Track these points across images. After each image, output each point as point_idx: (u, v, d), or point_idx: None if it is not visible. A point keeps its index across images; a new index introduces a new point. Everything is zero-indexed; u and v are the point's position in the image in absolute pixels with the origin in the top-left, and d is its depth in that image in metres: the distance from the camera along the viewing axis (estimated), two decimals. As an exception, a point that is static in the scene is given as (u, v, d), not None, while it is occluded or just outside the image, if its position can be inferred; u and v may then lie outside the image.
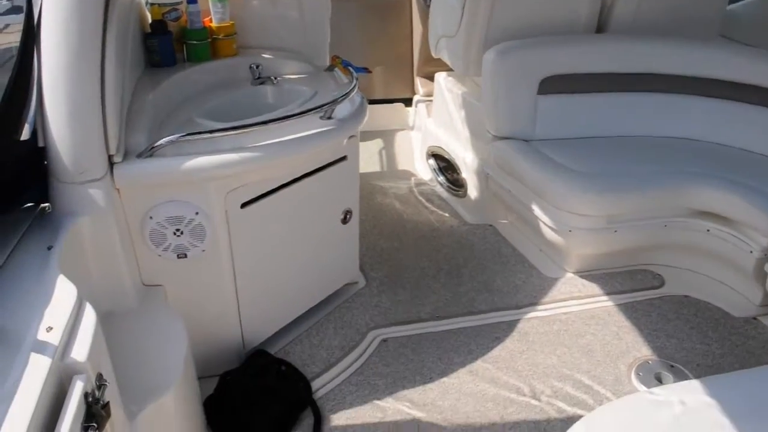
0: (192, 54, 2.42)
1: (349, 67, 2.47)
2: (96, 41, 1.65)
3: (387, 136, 4.29)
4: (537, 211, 2.75)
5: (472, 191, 3.30)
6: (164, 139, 1.80)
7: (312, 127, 2.05)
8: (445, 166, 3.60)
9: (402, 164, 3.97)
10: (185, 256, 1.95)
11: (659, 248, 2.83)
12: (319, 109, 2.06)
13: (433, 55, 3.62)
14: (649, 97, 3.08)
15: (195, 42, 2.40)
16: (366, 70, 2.56)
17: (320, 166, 2.21)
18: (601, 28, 3.31)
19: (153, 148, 1.81)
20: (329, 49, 2.79)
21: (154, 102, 2.10)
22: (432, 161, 3.72)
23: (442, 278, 2.77)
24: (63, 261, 1.49)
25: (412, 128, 4.29)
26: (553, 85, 3.00)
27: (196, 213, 1.89)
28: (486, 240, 3.07)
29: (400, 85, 4.35)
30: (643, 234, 2.72)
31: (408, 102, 4.34)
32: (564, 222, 2.63)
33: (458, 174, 3.43)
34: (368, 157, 4.01)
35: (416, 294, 2.65)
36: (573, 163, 2.75)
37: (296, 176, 2.13)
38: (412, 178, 3.74)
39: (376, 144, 4.20)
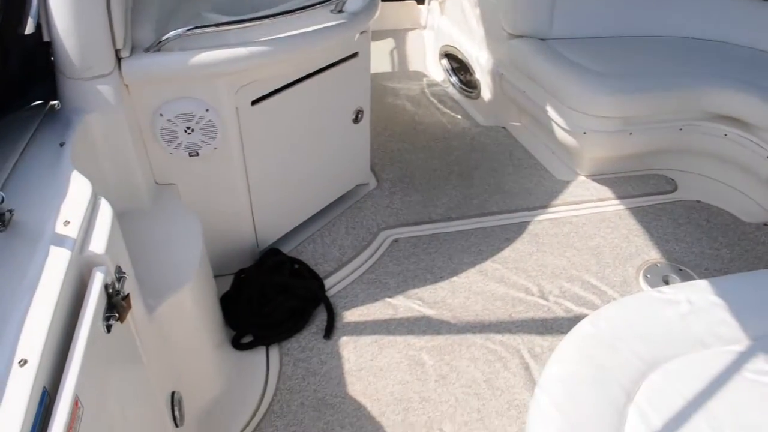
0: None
1: None
2: None
3: (398, 35, 4.16)
4: (551, 112, 2.70)
5: (486, 92, 3.23)
6: (172, 33, 1.74)
7: (322, 21, 1.98)
8: (458, 66, 3.51)
9: (414, 65, 3.86)
10: (197, 154, 1.93)
11: (674, 152, 2.79)
12: (329, 2, 1.98)
13: None
14: None
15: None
16: None
17: (331, 62, 2.15)
18: None
19: (160, 42, 1.75)
20: None
21: (160, -6, 2.02)
22: (445, 61, 3.62)
23: (453, 180, 2.76)
24: (75, 157, 1.47)
25: (424, 27, 4.15)
26: None
27: (207, 110, 1.86)
28: (498, 142, 3.04)
29: None
30: (659, 137, 2.67)
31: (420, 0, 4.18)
32: (578, 123, 2.59)
33: (471, 75, 3.34)
34: (379, 58, 3.91)
35: (427, 195, 2.65)
36: (590, 63, 2.67)
37: (307, 73, 2.08)
38: (424, 79, 3.65)
39: (387, 44, 4.08)
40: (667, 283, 2.25)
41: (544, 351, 1.95)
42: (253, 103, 1.96)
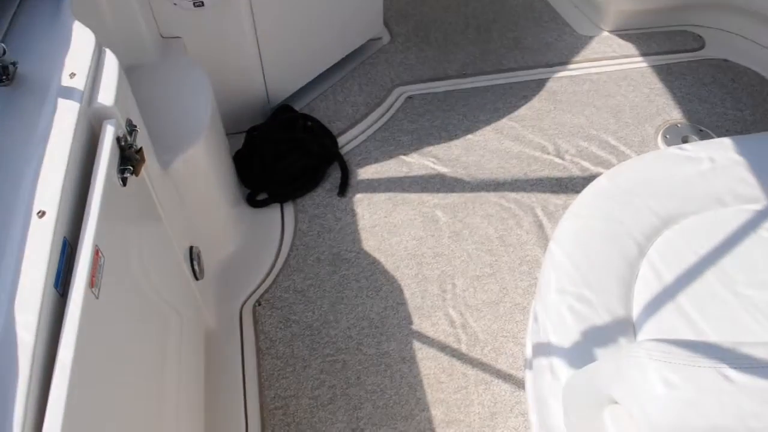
0: None
1: None
2: None
3: None
4: None
5: None
6: None
7: None
8: None
9: None
10: (202, 4, 1.83)
11: (703, 6, 2.63)
12: None
13: None
14: None
15: None
16: None
17: None
18: None
19: None
20: None
21: None
22: None
23: (470, 34, 2.63)
24: (76, 8, 1.40)
25: None
26: None
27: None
28: (518, -7, 2.87)
29: None
30: None
31: None
32: None
33: None
34: None
35: (443, 50, 2.54)
36: None
37: None
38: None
39: None
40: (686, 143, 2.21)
41: (558, 209, 1.95)
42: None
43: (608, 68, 2.50)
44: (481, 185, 2.02)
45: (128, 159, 1.16)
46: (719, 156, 1.50)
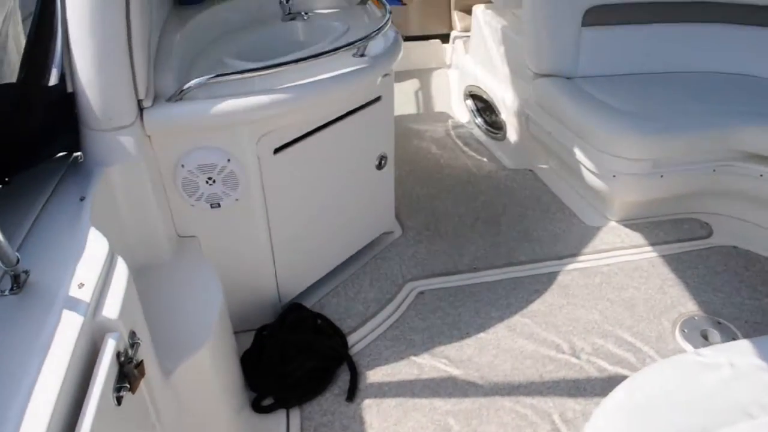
0: (220, -11, 2.30)
1: (383, 0, 2.33)
2: None
3: (423, 75, 4.13)
4: (579, 154, 2.62)
5: (511, 134, 3.17)
6: (194, 81, 1.72)
7: (344, 65, 1.94)
8: (484, 107, 3.46)
9: (439, 105, 3.83)
10: (218, 205, 1.89)
11: (708, 195, 2.69)
12: (351, 46, 1.94)
13: None
14: (700, 27, 2.89)
15: (223, -23, 2.27)
16: (400, 2, 2.42)
17: (353, 108, 2.11)
18: None
19: (182, 91, 1.72)
20: None
21: (182, 42, 2.00)
22: (470, 102, 3.57)
23: (480, 227, 2.68)
24: (95, 213, 1.45)
25: (449, 66, 4.12)
26: (598, 16, 2.82)
27: (228, 160, 1.82)
28: (525, 186, 2.96)
29: (437, 21, 4.15)
30: (691, 179, 2.57)
31: (445, 38, 4.15)
32: (607, 166, 2.51)
33: (497, 115, 3.29)
34: (404, 99, 3.88)
35: (454, 244, 2.58)
36: (617, 102, 2.60)
37: (329, 119, 2.04)
38: (449, 120, 3.61)
39: (412, 84, 4.05)
40: (705, 338, 2.14)
41: (577, 416, 1.85)
42: (276, 151, 1.92)
43: (618, 259, 2.50)
44: (495, 389, 1.94)
45: (126, 375, 1.13)
46: (740, 361, 1.44)
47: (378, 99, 2.20)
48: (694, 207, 2.75)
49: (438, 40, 4.18)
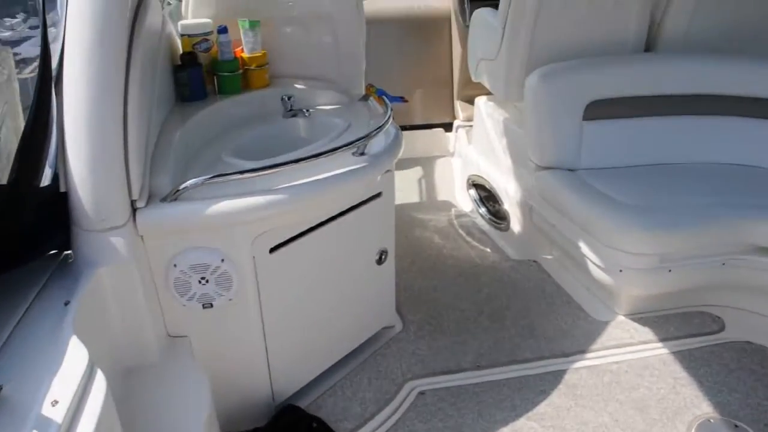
0: (223, 86, 2.33)
1: (384, 97, 2.36)
2: (119, 79, 1.58)
3: (426, 163, 4.16)
4: (584, 248, 2.58)
5: (515, 224, 3.14)
6: (189, 182, 1.71)
7: (344, 163, 1.94)
8: (487, 195, 3.45)
9: (442, 194, 3.82)
10: (211, 305, 1.85)
11: (718, 288, 2.62)
12: (351, 146, 1.94)
13: (473, 78, 3.49)
14: (703, 120, 2.89)
15: (226, 74, 2.31)
16: (402, 99, 2.44)
17: (353, 204, 2.09)
18: (650, 46, 3.13)
19: (177, 191, 1.71)
20: (367, 73, 2.70)
21: (182, 140, 2.01)
22: (473, 191, 3.57)
23: (483, 322, 2.61)
24: (80, 318, 1.41)
25: (452, 155, 4.15)
26: (599, 109, 2.83)
27: (222, 260, 1.79)
28: (530, 278, 2.90)
29: (440, 110, 4.22)
30: (700, 273, 2.51)
31: (448, 127, 4.20)
32: (613, 261, 2.45)
33: (500, 205, 3.27)
34: (407, 187, 3.88)
35: (456, 339, 2.50)
36: (622, 195, 2.57)
37: (327, 217, 2.01)
38: (452, 210, 3.59)
39: (415, 172, 4.07)
40: (723, 443, 2.03)
41: None
42: (272, 250, 1.88)
43: (628, 356, 2.41)
44: (500, 503, 1.82)
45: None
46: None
47: (378, 195, 2.18)
48: (704, 300, 2.67)
49: (441, 129, 4.23)
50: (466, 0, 3.84)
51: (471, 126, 3.82)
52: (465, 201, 3.64)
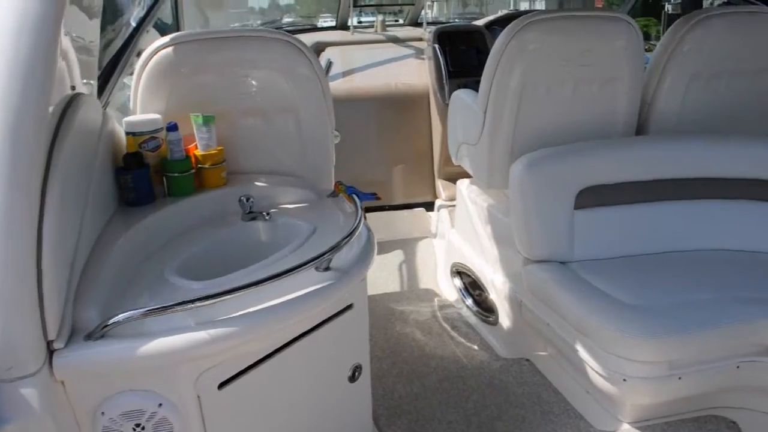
0: (173, 188, 2.09)
1: (354, 195, 2.11)
2: (31, 187, 1.31)
3: (407, 245, 3.92)
4: (582, 353, 2.31)
5: (504, 319, 2.86)
6: (119, 317, 1.44)
7: (308, 278, 1.68)
8: (472, 281, 3.19)
9: (424, 280, 3.56)
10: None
11: (733, 391, 2.34)
12: (313, 263, 1.69)
13: (454, 162, 3.28)
14: (702, 204, 2.67)
15: (176, 174, 2.07)
16: (374, 196, 2.20)
17: (319, 322, 1.83)
18: (641, 128, 2.94)
19: (106, 326, 1.44)
20: (345, 154, 2.51)
21: (121, 253, 1.76)
22: (458, 281, 3.31)
23: (472, 437, 2.32)
24: None
25: (434, 236, 3.92)
26: (591, 197, 2.60)
27: (160, 405, 1.51)
28: (523, 380, 2.63)
29: (421, 189, 4.02)
30: (713, 378, 2.24)
31: (429, 206, 3.98)
32: (616, 369, 2.17)
33: (487, 294, 3.01)
34: (386, 273, 3.63)
35: (441, 465, 2.21)
36: (622, 293, 2.31)
37: (288, 340, 1.75)
38: (436, 299, 3.33)
39: (396, 256, 3.83)
40: None
41: None
42: (221, 386, 1.61)
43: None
44: None
45: None
46: None
47: (349, 307, 1.93)
48: (718, 401, 2.39)
49: (422, 209, 4.02)
50: (445, 78, 3.68)
51: (454, 205, 3.59)
52: (449, 288, 3.38)
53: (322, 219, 2.08)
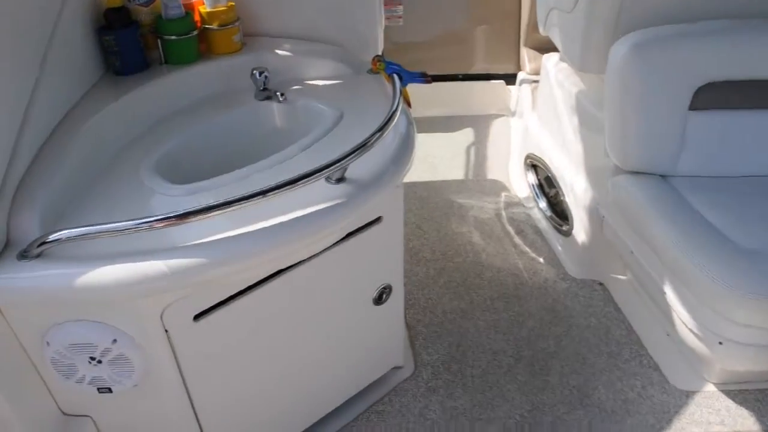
0: (170, 53, 1.67)
1: (394, 75, 1.61)
2: None
3: (481, 124, 3.39)
4: (672, 299, 1.84)
5: (580, 231, 2.38)
6: (64, 232, 1.11)
7: (311, 198, 1.28)
8: (548, 179, 2.68)
9: (493, 170, 3.06)
10: (109, 390, 1.30)
11: None
12: (322, 173, 1.26)
13: (541, 31, 2.64)
14: None
15: (173, 37, 1.64)
16: (423, 77, 1.68)
17: (334, 242, 1.46)
18: None
19: (43, 243, 1.12)
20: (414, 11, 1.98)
21: (90, 137, 1.41)
22: (531, 176, 2.81)
23: (520, 373, 1.97)
24: None
25: (513, 114, 3.36)
26: (715, 95, 1.97)
27: (114, 340, 1.22)
28: (592, 310, 2.21)
29: (504, 56, 3.40)
30: None
31: (512, 79, 3.39)
32: (712, 328, 1.71)
33: (563, 197, 2.52)
34: (452, 154, 3.15)
35: (480, 398, 1.88)
36: (736, 231, 1.76)
37: (289, 264, 1.39)
38: (503, 195, 2.85)
39: (465, 135, 3.32)
40: None
41: None
42: (197, 317, 1.29)
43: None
44: None
45: None
46: None
47: (377, 220, 1.53)
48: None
49: (502, 82, 3.43)
50: None
51: (538, 81, 3.00)
52: (520, 183, 2.89)
53: (354, 102, 1.63)
